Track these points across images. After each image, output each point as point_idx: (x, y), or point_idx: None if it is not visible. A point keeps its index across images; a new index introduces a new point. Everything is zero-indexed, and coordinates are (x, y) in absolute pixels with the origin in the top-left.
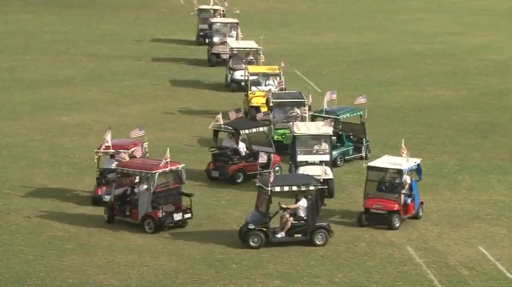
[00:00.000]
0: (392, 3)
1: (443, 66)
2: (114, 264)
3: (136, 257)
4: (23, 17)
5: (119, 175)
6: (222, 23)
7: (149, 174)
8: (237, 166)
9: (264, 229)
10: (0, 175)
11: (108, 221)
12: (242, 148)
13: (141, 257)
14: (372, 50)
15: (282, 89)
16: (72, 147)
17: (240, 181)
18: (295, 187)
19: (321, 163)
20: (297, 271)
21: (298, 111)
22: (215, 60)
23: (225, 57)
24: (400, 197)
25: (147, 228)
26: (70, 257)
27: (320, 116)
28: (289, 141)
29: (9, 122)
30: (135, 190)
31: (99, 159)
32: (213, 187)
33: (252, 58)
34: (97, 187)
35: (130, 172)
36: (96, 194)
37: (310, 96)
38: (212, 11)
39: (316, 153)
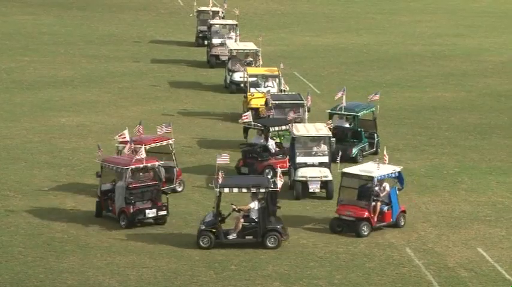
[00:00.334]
0: (391, 4)
1: (442, 68)
2: (113, 265)
3: (135, 259)
4: (22, 18)
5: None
6: (221, 24)
7: (123, 169)
8: (266, 163)
9: (213, 229)
10: None
11: (96, 216)
12: (271, 144)
13: (140, 259)
14: (371, 51)
15: (281, 90)
16: (71, 148)
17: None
18: (244, 189)
19: (320, 164)
20: (296, 272)
21: (294, 115)
22: (214, 62)
23: (224, 58)
24: (370, 204)
25: (122, 223)
26: (69, 259)
27: (338, 113)
28: (288, 143)
29: (8, 123)
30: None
31: (120, 153)
32: (213, 188)
33: (251, 60)
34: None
35: (108, 167)
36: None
37: (309, 97)
38: (211, 13)
39: (315, 155)
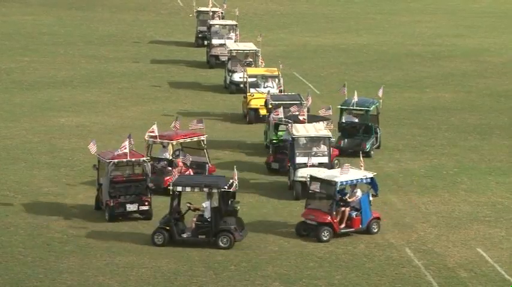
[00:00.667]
0: (391, 5)
1: (442, 68)
2: (113, 266)
3: (135, 259)
4: (21, 18)
5: (166, 163)
6: (220, 25)
7: (107, 163)
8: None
9: (167, 227)
10: None
11: (96, 209)
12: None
13: (139, 259)
14: (371, 51)
15: (280, 90)
16: (71, 149)
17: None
18: (197, 188)
19: (320, 164)
20: (295, 272)
21: (292, 109)
22: (214, 62)
23: (223, 59)
24: (331, 209)
25: (106, 216)
26: (69, 259)
27: (349, 108)
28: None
29: (7, 123)
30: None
31: (149, 147)
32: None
33: (250, 60)
34: None
35: (101, 161)
36: None
37: (309, 98)
38: (211, 13)
39: (315, 155)
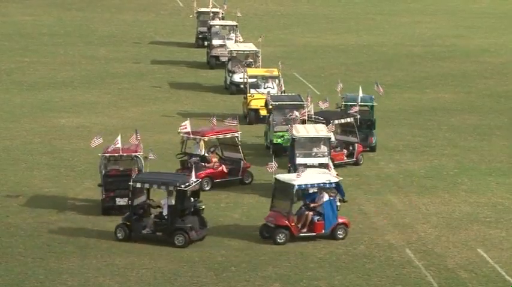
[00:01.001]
0: (391, 5)
1: (442, 69)
2: (113, 266)
3: (135, 260)
4: (21, 19)
5: (198, 159)
6: (221, 25)
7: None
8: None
9: (128, 223)
10: None
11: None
12: (332, 137)
13: (140, 260)
14: (371, 52)
15: (282, 91)
16: (71, 149)
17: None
18: (155, 185)
19: (320, 165)
20: (296, 273)
21: (297, 113)
22: (214, 63)
23: (224, 59)
24: (289, 212)
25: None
26: (69, 260)
27: (353, 104)
28: (288, 144)
29: (8, 124)
30: None
31: (184, 143)
32: (213, 189)
33: (251, 61)
34: (179, 169)
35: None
36: None
37: (309, 98)
38: (211, 14)
39: (315, 156)
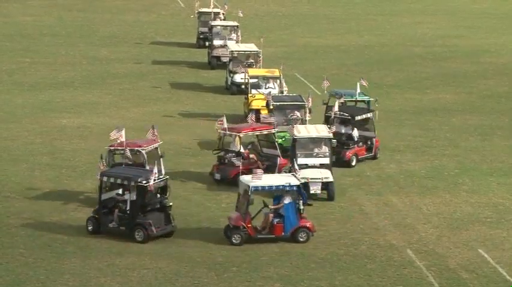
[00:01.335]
0: (392, 6)
1: (443, 69)
2: (114, 267)
3: (136, 260)
4: (22, 19)
5: (234, 155)
6: (222, 26)
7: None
8: (352, 151)
9: (96, 216)
10: (0, 178)
11: None
12: (355, 133)
13: (141, 260)
14: (372, 52)
15: (282, 91)
16: (72, 150)
17: (354, 164)
18: (118, 180)
19: (321, 165)
20: (297, 273)
21: (299, 114)
22: (215, 63)
23: (225, 60)
24: (246, 213)
25: None
26: (70, 260)
27: (352, 100)
28: (289, 144)
29: (9, 124)
30: None
31: (221, 139)
32: (214, 190)
33: (252, 61)
34: (216, 166)
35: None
36: (212, 172)
37: (310, 99)
38: (212, 14)
39: (316, 156)
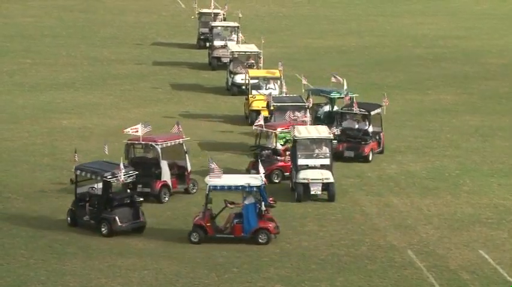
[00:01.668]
0: (392, 7)
1: (444, 70)
2: (115, 268)
3: (137, 261)
4: (23, 20)
5: (270, 152)
6: (222, 26)
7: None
8: (370, 146)
9: (74, 209)
10: (1, 179)
11: None
12: (371, 128)
13: (142, 261)
14: (373, 53)
15: (282, 92)
16: (73, 151)
17: (371, 159)
18: (88, 174)
19: (322, 166)
20: (297, 274)
21: (299, 114)
22: (216, 64)
23: (225, 61)
24: (205, 212)
25: None
26: (71, 261)
27: (341, 97)
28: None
29: (9, 125)
30: None
31: (258, 136)
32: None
33: (252, 62)
34: (252, 162)
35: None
36: (248, 168)
37: (310, 100)
38: (213, 15)
39: (317, 157)
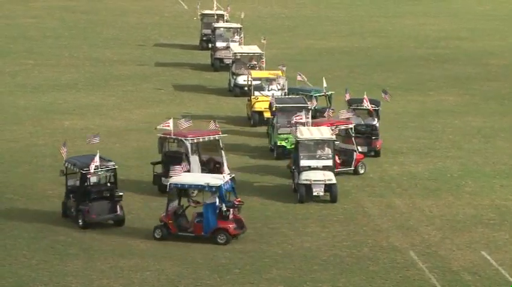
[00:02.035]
0: (395, 8)
1: (446, 71)
2: (117, 268)
3: (139, 262)
4: (25, 21)
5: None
6: (225, 27)
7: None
8: (380, 141)
9: (64, 201)
10: (3, 180)
11: None
12: (377, 124)
13: (144, 262)
14: (375, 54)
15: (285, 93)
16: (75, 152)
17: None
18: (72, 167)
19: (324, 167)
20: (299, 275)
21: (302, 115)
22: (218, 65)
23: (228, 62)
24: (166, 210)
25: None
26: (73, 262)
27: (321, 95)
28: (292, 146)
29: (12, 126)
30: None
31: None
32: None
33: (255, 63)
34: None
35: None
36: (289, 165)
37: (314, 101)
38: (215, 16)
39: (319, 158)
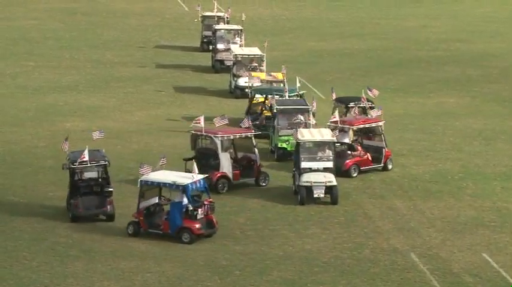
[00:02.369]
0: (396, 10)
1: (447, 73)
2: (118, 270)
3: (139, 264)
4: (26, 23)
5: (345, 147)
6: (226, 29)
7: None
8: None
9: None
10: (4, 182)
11: None
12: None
13: (144, 264)
14: (376, 56)
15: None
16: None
17: None
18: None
19: (325, 169)
20: (300, 277)
21: (302, 117)
22: (219, 67)
23: (228, 63)
24: (137, 207)
25: None
26: (74, 264)
27: (295, 94)
28: (293, 148)
29: (13, 128)
30: None
31: (333, 132)
32: (217, 193)
33: (255, 65)
34: None
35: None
36: None
37: (314, 103)
38: (216, 18)
39: (320, 160)
